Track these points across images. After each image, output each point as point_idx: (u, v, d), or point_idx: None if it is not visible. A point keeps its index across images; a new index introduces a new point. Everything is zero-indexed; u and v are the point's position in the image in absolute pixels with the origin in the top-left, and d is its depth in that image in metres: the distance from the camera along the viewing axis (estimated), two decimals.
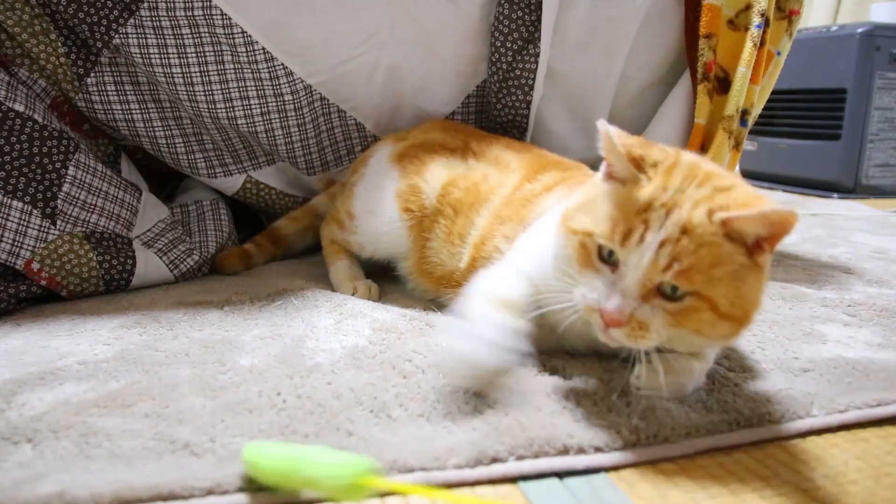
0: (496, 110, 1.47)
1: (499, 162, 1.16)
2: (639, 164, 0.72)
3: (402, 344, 0.94)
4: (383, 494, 0.64)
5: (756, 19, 1.35)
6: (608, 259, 0.71)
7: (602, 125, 0.73)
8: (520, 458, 0.67)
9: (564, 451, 0.69)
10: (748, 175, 2.86)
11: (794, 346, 0.98)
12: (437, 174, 1.17)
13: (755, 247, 0.68)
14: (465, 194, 1.11)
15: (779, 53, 1.45)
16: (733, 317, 0.69)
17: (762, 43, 1.37)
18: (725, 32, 1.38)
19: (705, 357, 0.83)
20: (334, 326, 1.03)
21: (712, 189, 0.70)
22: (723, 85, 1.39)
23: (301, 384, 0.82)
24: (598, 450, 0.69)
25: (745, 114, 1.40)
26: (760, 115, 1.55)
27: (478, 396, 0.78)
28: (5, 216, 1.13)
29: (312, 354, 0.92)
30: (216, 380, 0.83)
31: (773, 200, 0.68)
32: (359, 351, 0.93)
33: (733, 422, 0.75)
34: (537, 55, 1.40)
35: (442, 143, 1.24)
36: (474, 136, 1.28)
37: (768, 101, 1.53)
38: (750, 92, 1.38)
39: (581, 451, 0.69)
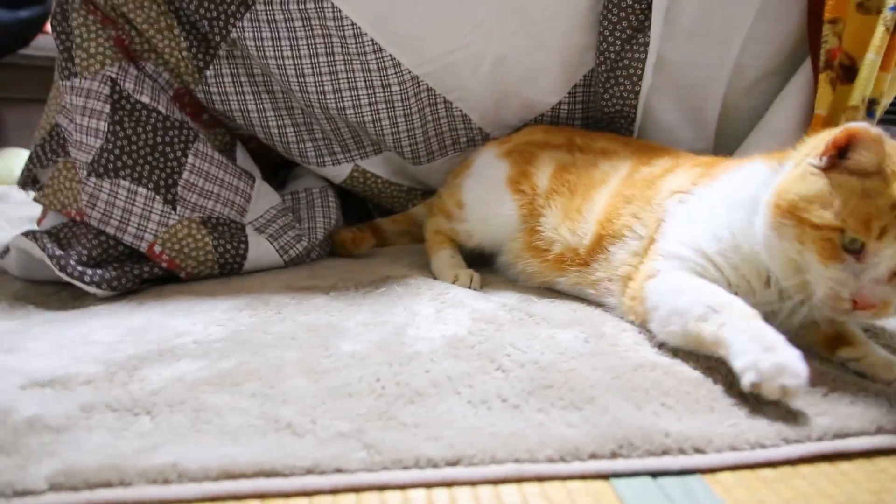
0: (603, 100, 1.44)
1: (605, 152, 1.22)
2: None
3: (500, 336, 0.95)
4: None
5: (891, 1, 1.26)
6: (851, 248, 0.77)
7: (859, 124, 0.77)
8: (614, 455, 0.66)
9: (662, 451, 0.67)
10: None
11: None
12: (546, 162, 1.26)
13: None
14: (579, 177, 1.19)
15: None
16: None
17: None
18: (854, 16, 1.29)
19: None
20: (435, 315, 1.04)
21: None
22: (848, 73, 1.31)
23: (400, 371, 0.83)
24: (697, 450, 0.67)
25: (872, 104, 1.31)
26: (892, 105, 1.45)
27: (573, 391, 0.78)
28: (132, 202, 1.21)
29: (412, 342, 0.93)
30: (319, 363, 0.86)
31: None
32: (458, 340, 0.93)
33: (835, 427, 0.71)
34: (646, 44, 1.36)
35: (546, 141, 1.32)
36: (577, 133, 1.35)
37: None
38: (879, 80, 1.29)
39: (680, 451, 0.67)
